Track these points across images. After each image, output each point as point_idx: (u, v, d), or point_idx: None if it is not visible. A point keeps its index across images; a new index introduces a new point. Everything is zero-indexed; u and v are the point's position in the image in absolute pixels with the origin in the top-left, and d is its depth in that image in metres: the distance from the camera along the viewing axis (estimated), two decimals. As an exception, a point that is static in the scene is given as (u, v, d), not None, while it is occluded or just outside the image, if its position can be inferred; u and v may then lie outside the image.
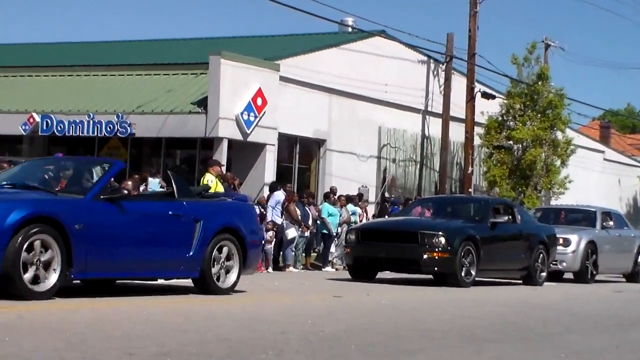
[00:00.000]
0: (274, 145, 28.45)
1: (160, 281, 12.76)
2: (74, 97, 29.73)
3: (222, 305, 10.92)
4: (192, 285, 12.27)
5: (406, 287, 16.42)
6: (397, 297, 13.98)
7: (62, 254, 10.02)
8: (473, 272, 17.07)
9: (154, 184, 22.88)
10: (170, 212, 11.49)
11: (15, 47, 38.68)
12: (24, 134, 29.27)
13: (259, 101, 27.56)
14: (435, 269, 16.83)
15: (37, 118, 28.76)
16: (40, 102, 29.79)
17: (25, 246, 9.72)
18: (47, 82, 31.20)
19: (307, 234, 22.60)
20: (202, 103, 27.25)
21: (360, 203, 26.54)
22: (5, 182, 11.18)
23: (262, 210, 21.43)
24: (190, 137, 27.85)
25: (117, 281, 12.50)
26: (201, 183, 19.47)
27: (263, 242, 13.14)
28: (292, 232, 21.57)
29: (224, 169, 22.49)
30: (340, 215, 24.08)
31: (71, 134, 28.50)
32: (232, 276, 12.20)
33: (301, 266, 22.47)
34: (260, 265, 20.14)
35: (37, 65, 32.12)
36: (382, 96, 32.54)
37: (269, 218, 21.28)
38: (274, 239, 21.05)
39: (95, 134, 28.32)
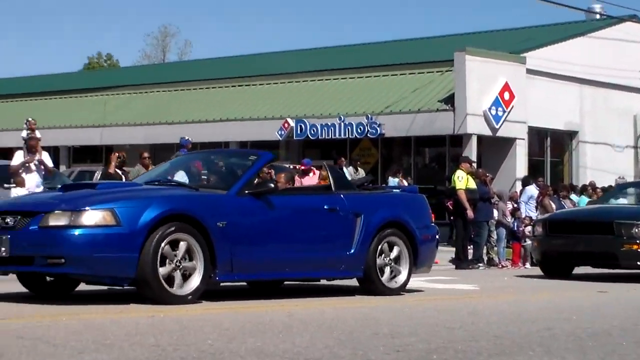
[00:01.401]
0: (523, 139, 27.91)
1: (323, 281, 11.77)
2: (325, 101, 30.48)
3: (489, 302, 10.77)
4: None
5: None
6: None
7: (204, 255, 9.28)
8: None
9: (394, 183, 23.02)
10: (325, 207, 10.51)
11: (272, 55, 40.14)
12: (280, 139, 30.36)
13: (506, 95, 27.13)
14: (638, 263, 14.92)
15: (292, 123, 29.75)
16: (294, 108, 30.78)
17: (162, 247, 9.05)
18: (299, 87, 32.17)
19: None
20: (450, 100, 27.16)
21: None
22: (148, 180, 10.65)
23: (515, 205, 21.05)
24: (438, 134, 27.83)
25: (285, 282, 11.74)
26: (452, 180, 19.37)
27: (438, 237, 11.89)
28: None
29: (474, 165, 22.22)
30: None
31: (323, 137, 29.24)
32: (402, 275, 11.13)
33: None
34: (517, 260, 19.78)
35: (289, 72, 33.18)
36: (637, 83, 31.10)
37: (523, 213, 20.86)
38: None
39: (347, 136, 28.90)
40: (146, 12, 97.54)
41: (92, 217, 8.87)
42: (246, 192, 9.87)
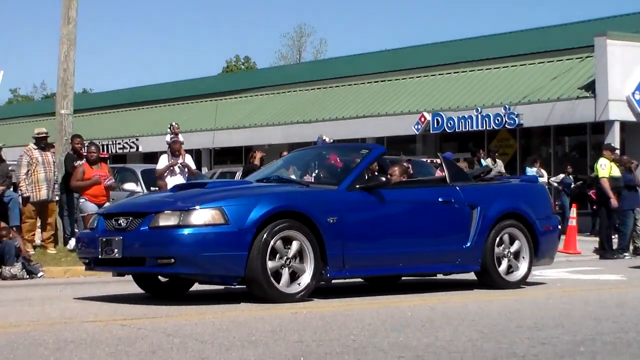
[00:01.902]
0: (670, 124, 26.91)
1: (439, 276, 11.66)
2: (461, 93, 30.20)
3: (637, 292, 10.47)
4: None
5: None
6: None
7: (314, 251, 9.14)
8: None
9: (531, 173, 22.57)
10: (440, 199, 10.25)
11: (406, 49, 40.00)
12: (417, 133, 30.24)
13: (651, 79, 26.23)
14: None
15: (428, 117, 29.59)
16: (431, 101, 30.62)
17: (271, 244, 8.95)
18: (435, 81, 31.98)
19: None
20: (590, 87, 26.46)
21: None
22: (260, 177, 10.56)
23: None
24: (579, 122, 27.16)
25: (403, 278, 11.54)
26: (595, 168, 18.87)
27: (559, 227, 11.40)
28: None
29: (617, 152, 21.58)
30: None
31: (461, 129, 28.97)
32: (522, 268, 10.75)
33: None
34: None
35: (425, 65, 33.02)
36: None
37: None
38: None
39: (484, 128, 28.55)
40: (282, 14, 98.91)
41: (201, 216, 8.84)
42: (357, 186, 9.71)
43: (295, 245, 9.12)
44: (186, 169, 16.15)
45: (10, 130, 44.40)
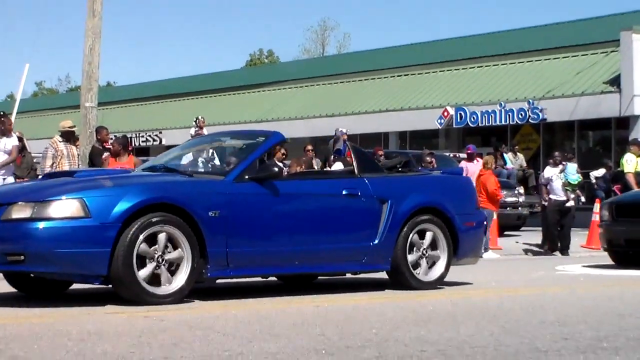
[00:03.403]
0: (695, 119, 26.70)
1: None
2: (485, 87, 30.11)
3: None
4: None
5: None
6: None
7: (192, 249, 8.26)
8: None
9: (572, 169, 22.39)
10: (344, 192, 9.35)
11: (430, 44, 39.87)
12: (440, 127, 30.18)
13: (677, 74, 26.03)
14: None
15: (451, 111, 29.53)
16: (454, 96, 30.53)
17: (140, 240, 8.03)
18: (459, 75, 31.89)
19: None
20: (615, 82, 26.31)
21: None
22: (149, 166, 9.77)
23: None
24: (603, 117, 27.01)
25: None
26: (620, 164, 18.77)
27: (485, 223, 10.59)
28: None
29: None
30: None
31: (484, 124, 28.90)
32: (438, 267, 9.88)
33: None
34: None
35: (448, 60, 32.91)
36: None
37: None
38: None
39: (507, 122, 28.46)
40: (306, 7, 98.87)
41: (58, 208, 7.91)
42: (246, 177, 8.79)
43: (164, 242, 8.20)
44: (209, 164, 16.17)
45: (36, 123, 44.67)
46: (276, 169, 8.97)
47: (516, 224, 21.35)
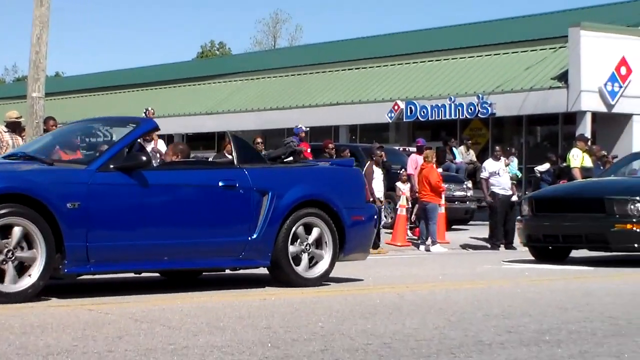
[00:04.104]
0: (640, 115, 27.17)
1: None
2: (435, 82, 30.30)
3: (604, 282, 10.55)
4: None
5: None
6: None
7: (46, 243, 7.76)
8: None
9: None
10: (220, 183, 8.91)
11: (381, 37, 40.03)
12: (390, 121, 30.31)
13: (623, 70, 26.43)
14: (635, 245, 12.75)
15: (402, 105, 29.68)
16: (404, 90, 30.68)
17: None
18: (409, 69, 32.05)
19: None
20: (563, 77, 26.64)
21: None
22: (12, 153, 9.31)
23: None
24: (551, 113, 27.33)
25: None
26: (567, 159, 19.00)
27: (375, 217, 10.13)
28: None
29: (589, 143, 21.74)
30: None
31: (434, 118, 29.08)
32: (323, 263, 9.47)
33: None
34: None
35: (399, 54, 33.07)
36: None
37: None
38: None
39: (457, 117, 28.67)
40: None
41: None
42: (112, 166, 8.32)
43: (19, 235, 7.71)
44: (158, 154, 16.10)
45: (-19, 113, 43.99)
46: (144, 158, 8.47)
47: (464, 217, 21.53)
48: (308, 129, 18.75)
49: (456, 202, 20.77)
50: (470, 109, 28.14)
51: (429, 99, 29.31)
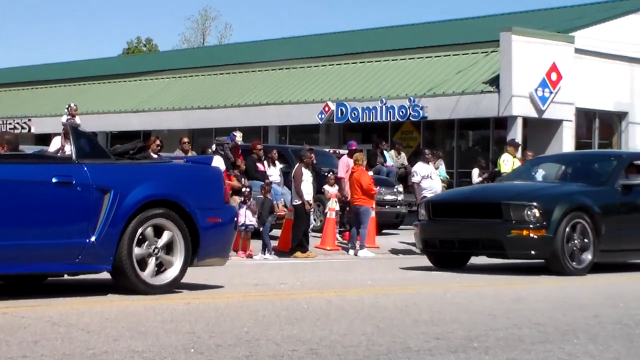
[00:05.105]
0: (570, 120, 27.66)
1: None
2: (366, 83, 30.42)
3: (534, 288, 10.68)
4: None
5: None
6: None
7: None
8: (588, 256, 12.81)
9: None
10: (54, 180, 8.34)
11: (312, 37, 40.08)
12: (320, 122, 30.34)
13: (554, 76, 26.87)
14: (531, 252, 12.69)
15: (332, 106, 29.73)
16: (335, 91, 30.75)
17: None
18: (340, 70, 32.12)
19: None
20: (495, 82, 26.99)
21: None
22: None
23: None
24: (483, 117, 27.66)
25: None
26: (497, 163, 19.23)
27: (235, 219, 9.78)
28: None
29: (520, 149, 22.06)
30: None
31: (365, 120, 29.19)
32: (174, 269, 8.99)
33: None
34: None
35: (330, 54, 33.14)
36: (689, 62, 30.64)
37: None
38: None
39: (388, 119, 28.83)
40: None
41: None
42: None
43: None
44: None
45: None
46: None
47: (395, 222, 21.64)
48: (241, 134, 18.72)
49: (387, 206, 20.86)
50: (402, 111, 28.32)
51: (360, 101, 29.42)
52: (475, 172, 23.33)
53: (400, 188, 21.49)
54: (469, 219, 13.11)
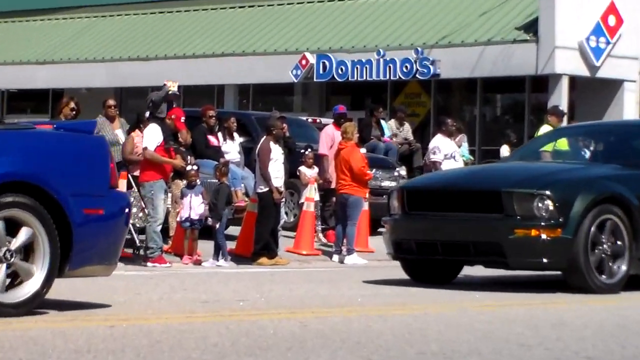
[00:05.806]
0: (634, 81, 27.71)
1: None
2: (358, 28, 30.36)
3: (581, 308, 10.76)
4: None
5: None
6: None
7: None
8: (622, 266, 12.23)
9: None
10: None
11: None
12: (295, 81, 30.27)
13: (612, 20, 26.93)
14: (542, 260, 12.17)
15: (312, 59, 29.63)
16: (315, 38, 30.68)
17: None
18: (323, 10, 32.05)
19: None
20: (531, 28, 27.00)
21: None
22: None
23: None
24: (515, 75, 27.68)
25: None
26: (535, 137, 19.30)
27: (127, 211, 9.48)
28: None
29: (566, 118, 22.10)
30: None
31: (355, 78, 29.13)
32: (32, 281, 8.65)
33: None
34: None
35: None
36: None
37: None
38: None
39: (388, 77, 28.79)
40: None
41: None
42: None
43: None
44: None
45: None
46: None
47: (394, 217, 21.69)
48: (179, 88, 18.59)
49: (384, 196, 20.87)
50: (406, 67, 28.30)
51: (349, 52, 29.40)
52: (505, 149, 23.42)
53: (403, 171, 21.50)
54: (456, 213, 12.60)
